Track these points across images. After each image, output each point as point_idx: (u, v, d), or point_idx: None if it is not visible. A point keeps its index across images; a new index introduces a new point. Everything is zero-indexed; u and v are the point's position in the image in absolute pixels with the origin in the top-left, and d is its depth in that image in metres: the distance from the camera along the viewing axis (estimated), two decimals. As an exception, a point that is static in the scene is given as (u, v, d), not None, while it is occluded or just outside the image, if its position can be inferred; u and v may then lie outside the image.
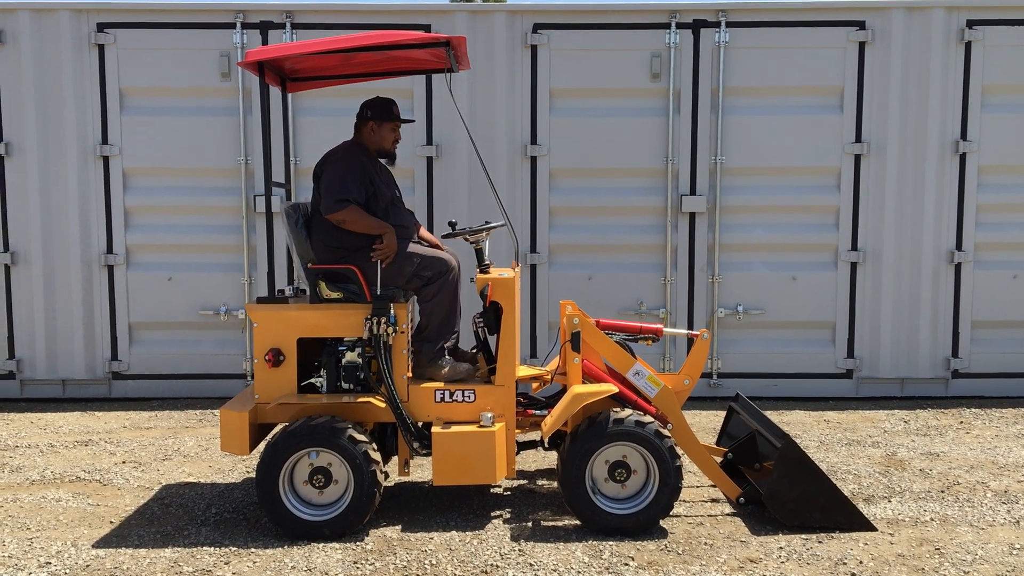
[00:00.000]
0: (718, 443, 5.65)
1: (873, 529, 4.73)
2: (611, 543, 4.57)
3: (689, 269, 7.57)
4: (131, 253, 7.60)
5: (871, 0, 7.44)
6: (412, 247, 4.98)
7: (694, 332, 5.22)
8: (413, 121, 5.59)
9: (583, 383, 4.86)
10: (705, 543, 4.59)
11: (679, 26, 7.41)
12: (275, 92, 5.60)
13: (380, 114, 5.05)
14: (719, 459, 5.23)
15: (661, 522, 4.75)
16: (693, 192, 7.52)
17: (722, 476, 5.05)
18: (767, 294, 7.55)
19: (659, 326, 5.22)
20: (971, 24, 7.37)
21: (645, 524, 4.67)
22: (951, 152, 7.47)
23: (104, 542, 4.67)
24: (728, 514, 4.99)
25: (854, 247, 7.53)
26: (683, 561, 4.39)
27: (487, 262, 5.05)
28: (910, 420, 6.97)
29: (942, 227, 7.51)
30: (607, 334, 5.03)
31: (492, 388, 4.85)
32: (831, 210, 7.54)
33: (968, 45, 7.40)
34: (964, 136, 7.46)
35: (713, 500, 5.21)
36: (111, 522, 4.95)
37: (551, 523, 4.85)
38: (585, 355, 4.92)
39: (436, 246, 5.25)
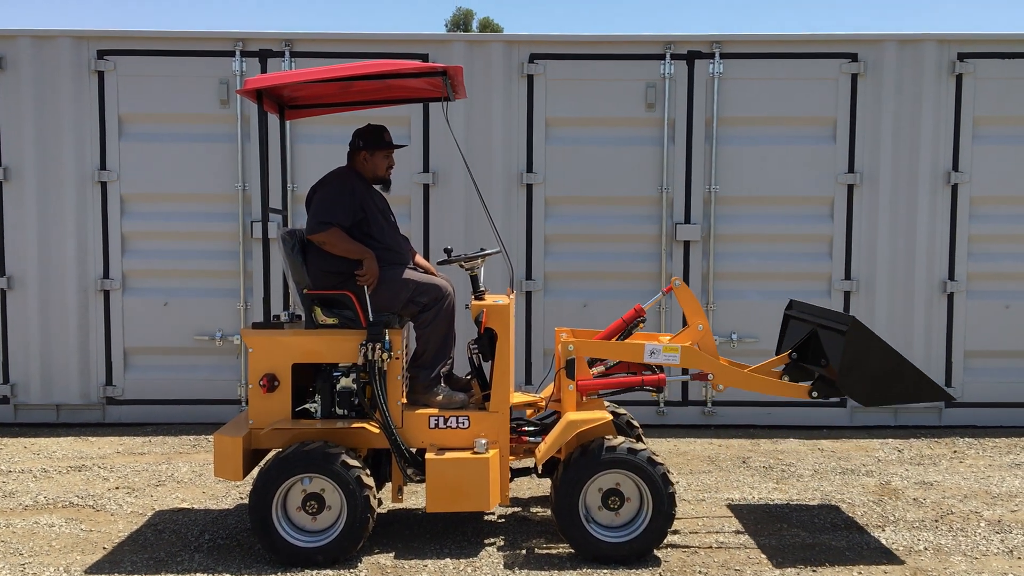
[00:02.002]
0: (777, 354, 5.48)
1: (950, 399, 4.96)
2: (605, 571, 4.57)
3: (684, 297, 7.59)
4: (127, 278, 7.62)
5: (863, 33, 7.54)
6: (407, 273, 5.01)
7: (665, 288, 5.22)
8: (405, 146, 5.63)
9: (578, 409, 4.87)
10: (699, 572, 4.58)
11: (674, 57, 7.49)
12: (273, 119, 5.65)
13: (372, 143, 5.10)
14: (782, 366, 5.15)
15: (655, 550, 4.75)
16: (688, 220, 7.57)
17: (784, 384, 5.04)
18: (761, 322, 7.57)
19: (635, 307, 5.21)
20: (962, 57, 7.47)
21: (639, 552, 4.66)
22: (943, 183, 7.54)
23: (97, 568, 4.65)
24: (723, 543, 4.99)
25: (847, 276, 7.57)
26: (677, 589, 4.39)
27: (482, 289, 5.08)
28: (904, 449, 6.98)
29: (934, 257, 7.56)
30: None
31: (486, 415, 4.86)
32: (824, 239, 7.59)
33: (959, 77, 7.48)
34: (956, 167, 7.53)
35: (708, 531, 5.21)
36: (104, 548, 4.93)
37: (545, 551, 4.84)
38: (579, 378, 4.92)
39: (431, 273, 5.28)
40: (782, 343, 5.51)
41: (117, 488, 5.98)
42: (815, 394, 4.99)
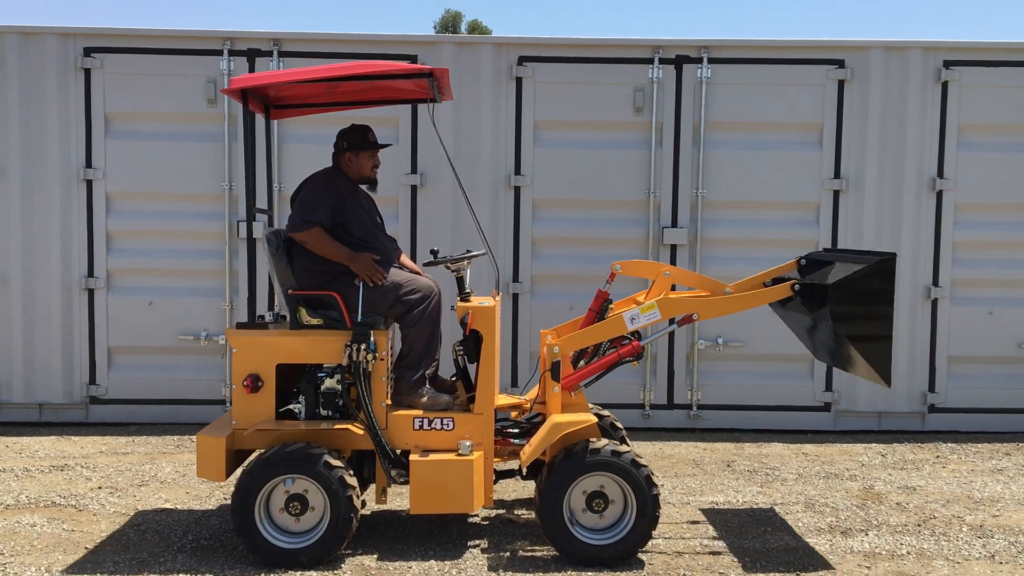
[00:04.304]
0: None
1: (888, 385, 4.73)
2: (589, 573, 4.57)
3: (670, 301, 7.60)
4: (112, 277, 7.58)
5: (850, 39, 7.58)
6: (393, 274, 5.00)
7: (609, 278, 5.19)
8: (390, 145, 5.62)
9: (563, 411, 4.86)
10: (683, 574, 4.59)
11: (662, 61, 7.51)
12: (260, 119, 5.63)
13: (356, 144, 5.10)
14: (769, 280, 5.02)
15: (639, 553, 4.75)
16: (675, 224, 7.58)
17: (765, 291, 4.95)
18: (747, 327, 7.59)
19: (597, 292, 5.19)
20: (948, 64, 7.51)
21: (623, 554, 4.67)
22: (928, 189, 7.58)
23: (78, 568, 4.62)
24: (707, 546, 5.00)
25: (833, 281, 7.59)
26: (660, 592, 4.40)
27: (468, 290, 5.07)
28: (887, 454, 7.01)
29: (919, 263, 7.60)
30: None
31: (471, 416, 4.85)
32: (810, 244, 7.61)
33: (945, 85, 7.53)
34: (941, 174, 7.57)
35: (692, 534, 5.22)
36: (86, 548, 4.90)
37: (529, 553, 4.84)
38: (563, 376, 4.91)
39: (417, 274, 5.27)
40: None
41: (100, 488, 5.95)
42: (796, 288, 4.87)
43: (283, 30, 7.57)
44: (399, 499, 5.64)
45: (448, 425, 4.83)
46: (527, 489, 5.89)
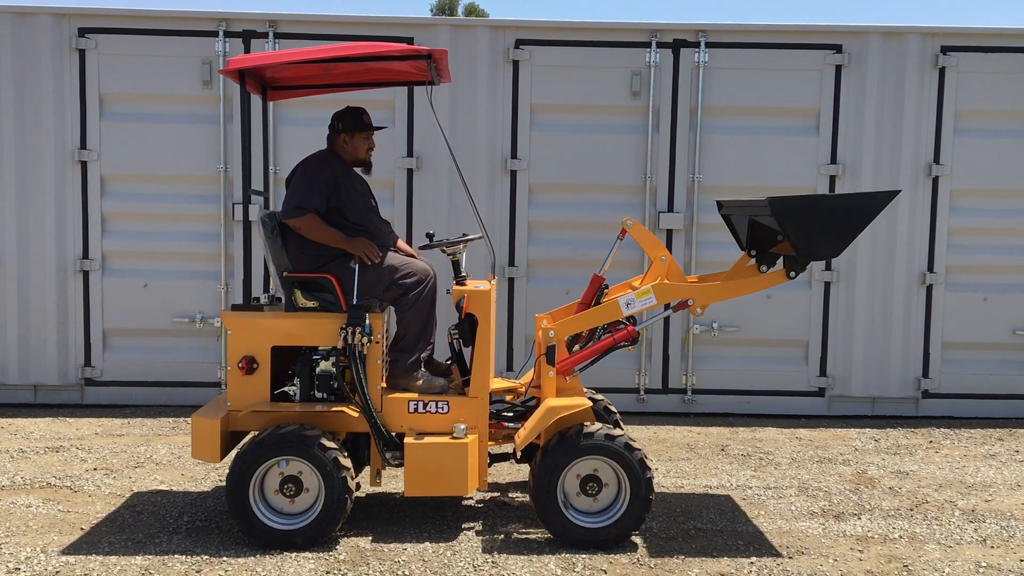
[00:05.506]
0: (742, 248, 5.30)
1: (896, 191, 4.75)
2: (584, 556, 4.59)
3: (665, 285, 7.60)
4: (107, 259, 7.57)
5: (848, 24, 7.55)
6: (389, 257, 4.99)
7: (620, 234, 5.17)
8: (385, 128, 5.60)
9: (558, 395, 4.88)
10: (677, 557, 4.61)
11: (659, 45, 7.49)
12: (256, 100, 5.61)
13: (351, 125, 5.08)
14: (752, 260, 5.02)
15: (633, 535, 4.78)
16: (671, 209, 7.58)
17: (763, 277, 4.96)
18: (742, 312, 7.61)
19: (593, 276, 5.16)
20: (945, 50, 7.50)
21: (617, 537, 4.69)
22: (924, 175, 7.58)
23: (74, 549, 4.64)
24: (700, 529, 5.03)
25: (828, 267, 7.61)
26: (655, 575, 4.42)
27: (464, 274, 5.07)
28: (880, 439, 7.04)
29: (914, 249, 7.61)
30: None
31: (466, 400, 4.86)
32: (806, 230, 7.61)
33: (942, 71, 7.52)
34: (937, 160, 7.57)
35: (686, 517, 5.24)
36: (81, 529, 4.91)
37: (523, 536, 4.86)
38: (558, 360, 4.92)
39: (412, 257, 5.27)
40: (738, 240, 5.32)
41: (95, 469, 5.95)
42: (793, 274, 4.87)
43: (279, 11, 7.53)
44: (394, 482, 5.66)
45: (443, 408, 4.84)
46: (521, 472, 5.91)
